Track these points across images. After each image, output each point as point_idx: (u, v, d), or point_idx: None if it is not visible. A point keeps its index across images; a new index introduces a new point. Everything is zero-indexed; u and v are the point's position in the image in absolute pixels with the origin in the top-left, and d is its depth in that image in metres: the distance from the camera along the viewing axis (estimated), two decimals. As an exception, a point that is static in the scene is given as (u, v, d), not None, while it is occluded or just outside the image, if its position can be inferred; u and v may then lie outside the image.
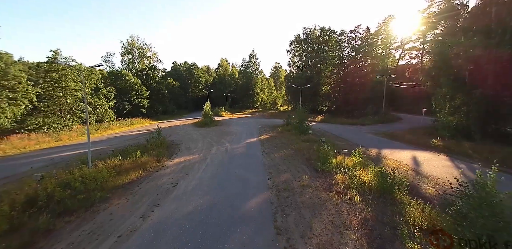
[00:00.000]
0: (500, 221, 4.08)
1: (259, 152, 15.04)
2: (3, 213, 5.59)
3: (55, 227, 6.05)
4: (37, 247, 5.32)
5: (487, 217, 4.18)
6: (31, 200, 6.56)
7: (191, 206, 7.53)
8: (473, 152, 14.03)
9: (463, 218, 4.66)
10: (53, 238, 5.65)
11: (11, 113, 17.72)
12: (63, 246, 5.34)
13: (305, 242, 5.56)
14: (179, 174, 10.84)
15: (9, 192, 6.57)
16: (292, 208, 7.31)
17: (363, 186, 8.65)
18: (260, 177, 10.26)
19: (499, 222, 4.08)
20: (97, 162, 10.56)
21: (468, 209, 4.60)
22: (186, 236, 5.80)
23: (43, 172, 8.66)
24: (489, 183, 4.50)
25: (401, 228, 5.66)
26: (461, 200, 4.86)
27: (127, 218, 6.71)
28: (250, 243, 5.53)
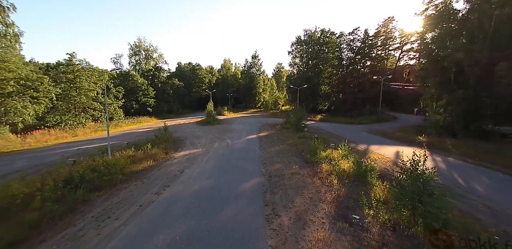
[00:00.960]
0: (421, 186, 5.53)
1: (257, 147, 16.55)
2: (50, 187, 7.18)
3: (89, 198, 7.66)
4: (80, 211, 6.92)
5: (413, 185, 5.64)
6: (68, 180, 8.15)
7: (195, 187, 9.06)
8: (452, 148, 15.34)
9: (402, 188, 6.10)
10: (90, 206, 7.26)
11: (33, 111, 19.55)
12: (99, 210, 6.94)
13: (286, 210, 7.04)
14: (185, 164, 12.40)
15: (51, 173, 8.17)
16: (280, 189, 8.79)
17: (343, 172, 10.09)
18: (256, 167, 11.75)
19: (420, 187, 5.53)
20: (115, 153, 12.17)
21: (404, 180, 6.06)
22: (192, 206, 7.33)
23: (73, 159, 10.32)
24: (420, 162, 5.92)
25: (362, 200, 7.11)
26: (403, 175, 6.29)
27: (144, 194, 8.29)
28: (243, 211, 7.04)
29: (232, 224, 6.25)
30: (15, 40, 18.80)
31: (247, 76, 66.73)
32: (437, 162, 12.93)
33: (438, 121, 19.46)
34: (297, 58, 52.63)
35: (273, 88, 73.82)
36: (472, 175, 10.70)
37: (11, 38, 18.57)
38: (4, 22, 17.86)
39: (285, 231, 5.91)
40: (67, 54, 24.52)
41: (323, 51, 46.41)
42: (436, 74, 18.74)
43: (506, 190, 8.88)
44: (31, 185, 7.00)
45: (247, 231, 5.89)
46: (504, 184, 9.48)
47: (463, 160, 13.10)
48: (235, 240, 5.50)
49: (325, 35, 46.16)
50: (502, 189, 8.99)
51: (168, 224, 6.26)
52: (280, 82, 79.91)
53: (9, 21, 18.17)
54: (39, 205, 6.26)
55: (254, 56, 67.16)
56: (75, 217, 6.55)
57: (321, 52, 46.60)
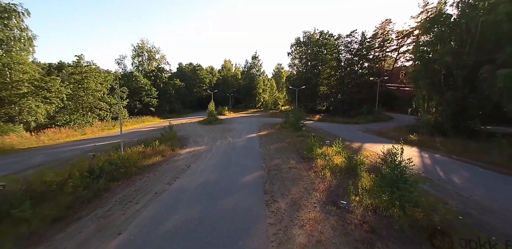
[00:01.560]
0: (398, 174, 6.55)
1: (257, 145, 17.57)
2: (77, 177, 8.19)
3: (110, 187, 8.69)
4: (104, 197, 7.95)
5: (391, 174, 6.66)
6: (90, 171, 9.17)
7: (201, 179, 10.07)
8: (440, 146, 16.36)
9: (382, 176, 7.12)
10: (111, 193, 8.29)
11: (45, 110, 20.56)
12: (120, 196, 7.97)
13: (283, 197, 8.06)
14: (191, 160, 13.42)
15: (74, 165, 9.18)
16: (278, 180, 9.80)
17: (336, 167, 11.10)
18: (256, 162, 12.77)
19: (397, 175, 6.56)
20: (127, 149, 13.19)
21: (385, 170, 7.09)
22: (200, 194, 8.34)
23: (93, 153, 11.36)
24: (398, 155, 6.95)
25: (349, 189, 8.14)
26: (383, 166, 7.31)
27: (157, 184, 9.30)
28: (245, 197, 8.06)
29: (237, 208, 7.27)
30: (28, 43, 19.88)
31: (247, 76, 67.77)
32: (424, 159, 13.95)
33: (429, 120, 20.49)
34: (296, 59, 53.69)
35: (272, 89, 74.83)
36: (453, 169, 11.73)
37: (25, 42, 19.63)
38: (19, 26, 18.94)
39: (282, 213, 6.93)
40: (75, 56, 25.69)
41: (322, 53, 47.50)
42: (427, 76, 19.77)
43: (479, 182, 9.91)
44: (61, 175, 8.00)
45: (250, 213, 6.91)
46: (479, 177, 10.50)
47: (449, 157, 14.13)
48: (240, 220, 6.52)
49: (323, 37, 47.26)
50: (476, 181, 10.02)
51: (181, 207, 7.28)
52: (280, 83, 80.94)
53: (24, 26, 19.28)
54: (71, 190, 7.27)
55: (254, 57, 68.18)
56: (101, 202, 7.57)
57: (320, 54, 47.68)
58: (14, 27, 18.69)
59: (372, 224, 6.23)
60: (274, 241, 5.51)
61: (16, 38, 18.91)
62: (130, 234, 5.73)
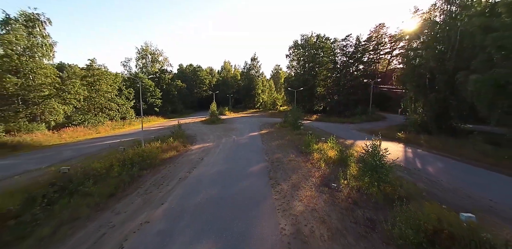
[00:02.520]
0: (376, 162, 8.39)
1: (259, 142, 19.38)
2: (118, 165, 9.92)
3: (141, 174, 10.43)
4: (139, 181, 9.70)
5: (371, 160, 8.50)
6: (123, 161, 10.89)
7: (215, 169, 11.83)
8: (424, 142, 18.28)
9: (365, 163, 8.95)
10: (144, 178, 10.04)
11: (63, 110, 22.18)
12: (152, 180, 9.73)
13: (285, 181, 9.85)
14: (202, 154, 15.17)
15: (109, 157, 10.89)
16: (280, 170, 11.60)
17: (329, 159, 12.92)
18: (260, 156, 14.56)
19: (376, 162, 8.39)
20: (146, 145, 14.90)
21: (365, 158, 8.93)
22: (216, 180, 10.10)
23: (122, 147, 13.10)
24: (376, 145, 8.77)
25: (339, 175, 9.97)
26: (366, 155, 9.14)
27: (179, 172, 11.06)
28: (254, 182, 9.84)
29: (248, 189, 9.05)
30: (49, 49, 21.48)
31: (246, 77, 69.55)
32: (407, 153, 15.87)
33: (416, 120, 22.45)
34: (294, 61, 55.57)
35: (271, 89, 76.69)
36: (430, 161, 13.65)
37: (47, 48, 21.22)
38: (41, 34, 20.55)
39: (284, 192, 8.73)
40: (88, 60, 27.43)
41: (319, 55, 49.43)
42: (414, 79, 21.73)
43: (448, 170, 11.81)
44: (103, 163, 9.73)
45: (259, 192, 8.71)
46: (450, 167, 12.40)
47: (429, 151, 16.05)
48: (252, 196, 8.31)
49: (320, 40, 49.22)
50: (446, 170, 11.91)
51: (203, 188, 9.05)
52: (278, 83, 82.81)
53: (45, 33, 20.89)
54: (116, 175, 9.01)
55: (253, 59, 69.99)
56: (138, 184, 9.33)
57: (317, 56, 49.61)
58: (37, 34, 20.37)
59: (355, 199, 8.06)
60: (280, 209, 7.31)
61: (38, 44, 20.57)
62: (170, 204, 7.51)
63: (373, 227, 6.29)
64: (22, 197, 6.51)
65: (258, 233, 5.98)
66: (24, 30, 19.49)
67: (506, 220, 6.64)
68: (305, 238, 5.75)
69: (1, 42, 17.68)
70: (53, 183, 7.55)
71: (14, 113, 19.03)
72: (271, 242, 5.60)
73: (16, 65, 18.79)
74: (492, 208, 7.46)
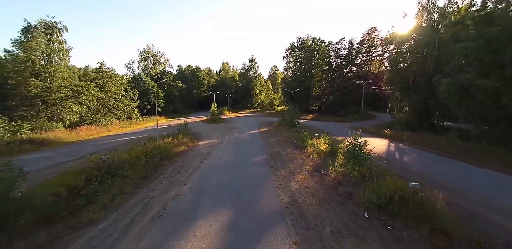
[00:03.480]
0: (355, 152, 10.42)
1: (259, 138, 21.36)
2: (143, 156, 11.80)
3: (161, 164, 12.34)
4: (161, 169, 11.60)
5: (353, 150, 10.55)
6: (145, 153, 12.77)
7: (223, 160, 13.77)
8: (406, 138, 20.45)
9: (349, 152, 10.99)
10: (164, 167, 11.94)
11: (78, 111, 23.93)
12: (172, 168, 11.65)
13: (284, 169, 11.83)
14: (209, 148, 17.09)
15: (133, 149, 12.75)
16: (279, 160, 13.58)
17: (321, 151, 14.95)
18: (261, 150, 16.53)
19: (356, 151, 10.43)
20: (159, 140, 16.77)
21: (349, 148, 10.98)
22: (225, 168, 12.03)
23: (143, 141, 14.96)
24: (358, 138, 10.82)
25: (329, 163, 12.00)
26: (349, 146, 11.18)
27: (193, 162, 12.98)
28: (258, 169, 11.81)
29: (253, 174, 11.02)
30: (66, 54, 23.18)
31: (244, 78, 71.53)
32: (390, 147, 18.00)
33: (401, 118, 24.69)
34: (291, 62, 57.73)
35: (269, 90, 78.78)
36: (408, 153, 15.79)
37: (63, 53, 22.91)
38: (59, 40, 22.24)
39: (283, 176, 10.72)
40: (98, 63, 29.17)
41: (314, 57, 51.65)
42: (399, 81, 23.94)
43: (421, 160, 13.95)
44: (131, 155, 11.61)
45: (262, 176, 10.68)
46: (423, 158, 14.54)
47: (409, 146, 18.20)
48: (257, 179, 10.28)
49: (315, 43, 51.42)
50: (419, 160, 14.05)
51: (216, 174, 10.99)
52: (275, 84, 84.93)
53: (62, 39, 22.60)
54: (144, 163, 10.93)
55: (251, 60, 72.02)
56: (161, 171, 11.25)
57: (313, 58, 51.83)
58: (55, 41, 22.07)
59: (339, 180, 10.08)
60: (279, 187, 9.29)
61: (56, 49, 22.25)
62: (192, 184, 9.45)
63: (350, 197, 8.32)
64: (81, 176, 8.39)
65: (263, 201, 7.97)
66: (44, 37, 21.27)
67: (445, 189, 8.83)
68: (299, 204, 7.76)
69: (25, 49, 19.49)
70: (99, 168, 9.43)
71: (35, 113, 20.75)
72: (273, 206, 7.60)
73: (38, 69, 20.52)
74: (441, 183, 9.62)
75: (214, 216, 6.86)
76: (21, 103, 20.32)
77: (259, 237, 5.79)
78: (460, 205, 7.78)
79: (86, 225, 6.30)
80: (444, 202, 6.90)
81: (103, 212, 6.96)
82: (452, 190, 9.14)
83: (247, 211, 7.24)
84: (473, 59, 14.19)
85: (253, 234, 5.91)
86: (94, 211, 6.90)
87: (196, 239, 5.65)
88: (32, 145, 16.13)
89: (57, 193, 7.11)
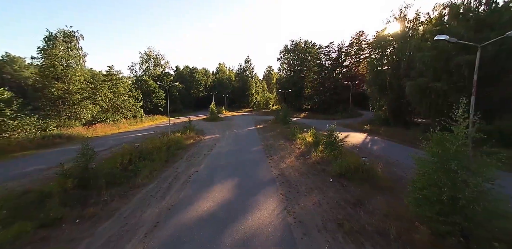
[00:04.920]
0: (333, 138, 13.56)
1: (256, 133, 24.39)
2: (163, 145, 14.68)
3: (177, 152, 15.27)
4: (178, 156, 14.53)
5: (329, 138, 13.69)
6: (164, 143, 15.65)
7: (227, 149, 16.76)
8: (382, 132, 23.76)
9: (326, 141, 14.11)
10: (179, 155, 14.88)
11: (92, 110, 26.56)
12: (187, 155, 14.60)
13: (276, 155, 14.87)
14: (214, 141, 20.03)
15: (153, 141, 15.61)
16: (273, 149, 16.62)
17: (308, 143, 18.05)
18: (257, 142, 19.56)
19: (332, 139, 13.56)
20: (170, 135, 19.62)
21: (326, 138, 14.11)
22: (229, 155, 15.02)
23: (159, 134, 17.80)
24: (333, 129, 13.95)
25: (312, 150, 15.11)
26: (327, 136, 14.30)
27: (203, 151, 15.93)
28: (255, 155, 14.84)
29: (252, 158, 14.05)
30: (82, 59, 25.75)
31: (240, 79, 74.40)
32: (366, 139, 21.25)
33: (380, 115, 28.06)
34: (285, 64, 60.94)
35: (264, 90, 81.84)
36: (378, 143, 19.05)
37: (80, 59, 25.49)
38: (76, 47, 24.81)
39: (275, 160, 13.76)
40: (107, 67, 31.82)
41: (306, 59, 54.92)
42: (377, 82, 27.27)
43: (387, 148, 17.20)
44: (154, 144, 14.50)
45: (259, 160, 13.73)
46: (389, 147, 17.79)
47: (382, 138, 21.48)
48: (255, 162, 13.31)
49: (307, 46, 54.69)
50: (386, 148, 17.30)
51: (222, 159, 13.97)
52: (271, 84, 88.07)
53: (79, 46, 25.19)
54: (165, 150, 13.85)
55: (247, 61, 74.90)
56: (179, 157, 14.18)
57: (305, 60, 55.09)
58: (73, 48, 24.61)
59: (318, 161, 13.19)
60: (272, 166, 12.34)
61: (74, 56, 24.81)
62: (205, 165, 12.44)
63: (323, 171, 11.42)
64: (124, 158, 11.29)
65: (260, 174, 11.02)
66: (63, 45, 23.80)
67: (389, 163, 12.25)
68: (285, 175, 10.82)
69: (48, 56, 22.03)
70: (132, 153, 12.30)
71: (57, 112, 23.31)
72: (267, 176, 10.64)
73: (59, 73, 23.08)
74: (388, 160, 13.02)
75: (226, 181, 9.88)
76: (46, 103, 22.92)
77: (257, 191, 8.83)
78: (390, 170, 11.05)
79: (140, 186, 9.24)
80: (381, 169, 10.07)
81: (147, 180, 9.90)
82: (392, 163, 12.63)
83: (249, 179, 10.28)
84: (429, 66, 17.48)
85: (253, 190, 8.95)
86: (141, 179, 9.84)
87: (216, 195, 8.63)
88: (61, 139, 18.76)
89: (114, 168, 10.00)
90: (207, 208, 7.47)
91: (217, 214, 7.06)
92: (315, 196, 8.40)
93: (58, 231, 6.07)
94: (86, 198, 7.85)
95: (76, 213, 6.92)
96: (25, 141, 16.45)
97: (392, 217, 6.38)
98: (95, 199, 7.90)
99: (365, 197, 8.05)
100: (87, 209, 7.12)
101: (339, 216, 6.84)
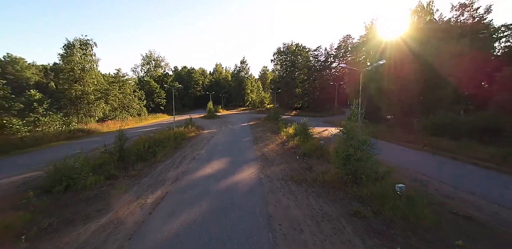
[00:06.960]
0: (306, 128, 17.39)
1: (248, 128, 28.16)
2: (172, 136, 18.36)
3: (182, 142, 18.97)
4: (183, 145, 18.24)
5: (301, 128, 17.54)
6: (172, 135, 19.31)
7: (223, 140, 20.49)
8: (356, 126, 27.69)
9: (301, 131, 17.93)
10: (184, 144, 18.59)
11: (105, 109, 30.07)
12: (191, 144, 18.32)
13: (262, 143, 18.66)
14: (211, 135, 23.74)
15: (162, 133, 19.24)
16: (260, 140, 20.41)
17: (290, 134, 21.83)
18: (249, 135, 23.33)
19: (305, 129, 17.38)
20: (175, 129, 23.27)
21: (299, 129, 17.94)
22: (225, 143, 18.78)
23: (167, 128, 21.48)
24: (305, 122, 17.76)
25: (291, 140, 18.93)
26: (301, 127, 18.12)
27: (203, 141, 19.65)
28: (245, 144, 18.62)
29: (242, 145, 17.81)
30: (96, 64, 29.19)
31: (237, 79, 77.92)
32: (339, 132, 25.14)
33: (358, 113, 31.97)
34: (278, 65, 64.68)
35: (259, 89, 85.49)
36: (349, 135, 22.93)
37: (94, 63, 28.92)
38: (91, 54, 28.24)
39: (260, 146, 17.55)
40: (116, 69, 35.36)
41: (298, 61, 58.76)
42: (354, 84, 31.16)
43: (354, 138, 21.07)
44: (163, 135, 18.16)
45: (248, 147, 17.51)
46: (356, 137, 21.68)
47: (355, 131, 25.39)
48: (245, 148, 17.09)
49: (298, 49, 58.49)
50: (353, 138, 21.17)
51: (219, 146, 17.72)
52: (266, 83, 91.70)
53: (93, 53, 28.64)
54: (173, 140, 17.55)
55: (243, 61, 78.33)
56: (184, 145, 17.88)
57: (296, 62, 58.93)
58: (88, 54, 28.03)
59: (293, 147, 17.00)
60: (257, 150, 16.11)
61: (89, 61, 28.25)
62: (206, 150, 16.18)
63: (294, 152, 15.23)
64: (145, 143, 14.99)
65: (247, 155, 14.79)
66: (80, 52, 27.22)
67: None
68: (266, 156, 14.59)
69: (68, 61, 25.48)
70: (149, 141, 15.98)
71: (76, 111, 26.79)
72: (252, 156, 14.42)
73: (78, 77, 26.52)
74: None
75: (221, 159, 13.66)
76: (67, 103, 26.37)
77: (243, 164, 12.61)
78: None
79: (159, 162, 12.97)
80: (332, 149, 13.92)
81: (164, 158, 13.63)
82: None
83: (238, 157, 14.07)
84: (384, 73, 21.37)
85: (241, 163, 12.74)
86: (160, 157, 13.57)
87: (214, 165, 12.36)
88: (83, 133, 22.28)
89: (139, 150, 13.71)
90: (208, 172, 11.24)
91: (215, 175, 10.82)
92: (283, 165, 12.22)
93: (117, 181, 9.79)
94: (126, 167, 11.57)
95: (124, 174, 10.64)
96: (56, 134, 19.97)
97: (323, 173, 10.23)
98: (132, 168, 11.62)
99: (315, 165, 11.89)
100: (130, 172, 10.84)
101: (293, 174, 10.66)
